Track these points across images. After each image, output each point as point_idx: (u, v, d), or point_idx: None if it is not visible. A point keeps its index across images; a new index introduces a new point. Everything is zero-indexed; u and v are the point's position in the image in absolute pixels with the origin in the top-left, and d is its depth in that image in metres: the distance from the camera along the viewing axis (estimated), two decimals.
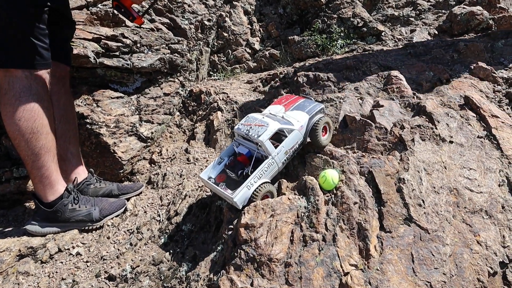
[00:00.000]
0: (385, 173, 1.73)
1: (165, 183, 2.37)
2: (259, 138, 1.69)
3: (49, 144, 1.89)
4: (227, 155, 1.91)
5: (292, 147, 1.83)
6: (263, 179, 1.72)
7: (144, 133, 2.79)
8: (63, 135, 2.15)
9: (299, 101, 2.01)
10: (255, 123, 1.77)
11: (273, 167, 1.76)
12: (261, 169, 1.71)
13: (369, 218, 1.60)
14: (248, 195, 1.68)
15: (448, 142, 1.85)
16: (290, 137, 1.80)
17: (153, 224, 2.06)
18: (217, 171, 1.86)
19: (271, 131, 1.72)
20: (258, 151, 1.77)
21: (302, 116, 1.88)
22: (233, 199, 1.64)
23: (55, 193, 1.97)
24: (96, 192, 2.26)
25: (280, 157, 1.78)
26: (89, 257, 1.96)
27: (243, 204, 1.68)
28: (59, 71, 2.11)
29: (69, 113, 2.22)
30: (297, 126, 1.83)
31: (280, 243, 1.56)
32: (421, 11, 3.78)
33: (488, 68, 2.45)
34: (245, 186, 1.66)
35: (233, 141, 1.94)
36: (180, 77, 3.18)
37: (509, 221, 1.63)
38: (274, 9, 3.85)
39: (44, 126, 1.85)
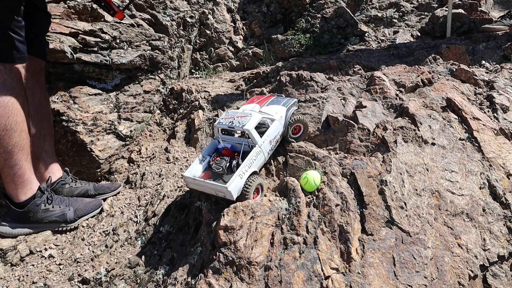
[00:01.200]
0: (368, 175, 1.70)
1: (144, 183, 2.30)
2: (245, 127, 1.68)
3: (23, 142, 1.80)
4: (208, 153, 1.86)
5: (275, 137, 1.83)
6: (253, 168, 1.69)
7: (123, 131, 2.71)
8: (37, 132, 2.06)
9: (271, 98, 2.02)
10: (237, 115, 1.77)
11: (261, 156, 1.75)
12: (250, 158, 1.68)
13: (351, 220, 1.57)
14: (241, 185, 1.63)
15: (430, 144, 1.84)
16: (272, 126, 1.80)
17: (130, 225, 1.99)
18: (201, 169, 1.80)
19: (255, 119, 1.73)
20: (246, 143, 1.75)
21: (279, 108, 1.90)
22: (228, 189, 1.57)
23: (27, 192, 1.88)
24: (72, 192, 2.18)
25: (266, 147, 1.77)
26: (62, 260, 1.88)
27: (238, 195, 1.63)
28: (34, 66, 2.01)
29: (44, 110, 2.13)
30: (277, 117, 1.84)
31: (260, 246, 1.52)
32: (404, 12, 3.80)
33: (469, 71, 2.46)
34: (237, 175, 1.61)
35: (213, 139, 1.90)
36: (161, 75, 3.11)
37: (490, 224, 1.63)
38: (258, 8, 3.81)
39: (18, 123, 1.76)
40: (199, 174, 1.78)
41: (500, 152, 1.89)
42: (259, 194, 1.74)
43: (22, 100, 1.79)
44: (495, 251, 1.57)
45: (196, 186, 1.75)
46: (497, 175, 1.77)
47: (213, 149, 1.88)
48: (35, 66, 2.04)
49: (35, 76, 2.04)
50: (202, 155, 1.84)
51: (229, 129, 1.77)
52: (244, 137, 1.75)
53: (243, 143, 1.76)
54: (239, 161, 1.71)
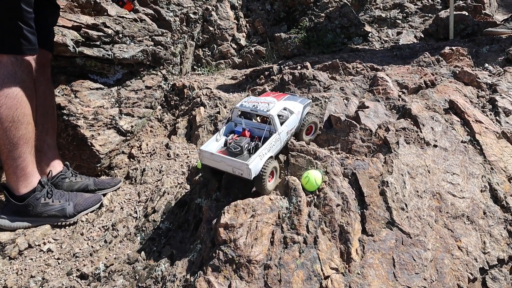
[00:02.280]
0: (369, 176, 1.70)
1: (144, 179, 2.30)
2: (269, 112, 1.70)
3: (29, 135, 1.81)
4: (225, 134, 1.86)
5: (291, 130, 1.85)
6: (271, 153, 1.71)
7: (123, 126, 2.70)
8: (40, 125, 2.05)
9: (287, 95, 2.03)
10: (260, 101, 1.79)
11: (278, 143, 1.76)
12: (270, 143, 1.69)
13: (352, 221, 1.57)
14: (260, 166, 1.62)
15: (432, 146, 1.84)
16: (290, 118, 1.83)
17: (130, 221, 1.99)
18: (217, 147, 1.79)
19: (279, 107, 1.76)
20: (266, 129, 1.76)
21: (296, 105, 1.91)
22: (248, 166, 1.56)
23: (28, 185, 1.88)
24: (71, 187, 2.17)
25: (283, 136, 1.79)
26: (60, 254, 1.87)
27: (255, 175, 1.61)
28: (40, 58, 1.99)
29: (47, 103, 2.13)
30: (295, 111, 1.87)
31: (260, 245, 1.52)
32: (408, 14, 3.79)
33: (472, 73, 2.45)
34: (257, 156, 1.61)
35: (230, 121, 1.91)
36: (163, 70, 3.10)
37: (490, 227, 1.63)
38: (262, 5, 3.79)
39: (26, 115, 1.77)
40: (216, 150, 1.76)
41: (501, 155, 1.88)
42: (273, 177, 1.75)
43: (31, 93, 1.80)
44: (495, 255, 1.57)
45: (211, 162, 1.71)
46: (498, 179, 1.77)
47: (229, 131, 1.88)
48: (41, 58, 2.03)
49: (41, 68, 2.04)
50: (219, 134, 1.82)
51: (251, 112, 1.78)
52: (266, 123, 1.77)
53: (266, 128, 1.76)
54: (258, 143, 1.72)
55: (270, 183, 1.72)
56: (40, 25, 1.88)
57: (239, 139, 1.77)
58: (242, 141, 1.74)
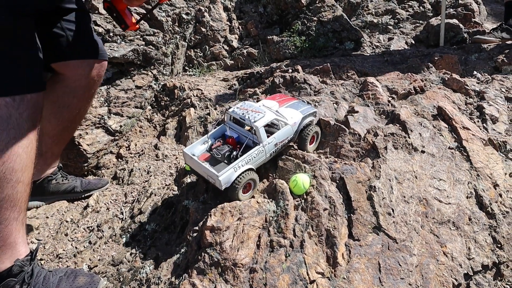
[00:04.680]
0: (357, 180, 1.70)
1: (131, 179, 2.28)
2: (255, 123, 1.66)
3: (17, 196, 1.40)
4: (214, 137, 1.85)
5: (282, 141, 1.81)
6: (250, 165, 1.67)
7: (112, 126, 2.68)
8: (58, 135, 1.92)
9: (293, 101, 2.00)
10: (252, 109, 1.75)
11: (261, 155, 1.73)
12: (250, 155, 1.66)
13: (338, 225, 1.57)
14: (232, 178, 1.60)
15: (420, 151, 1.85)
16: (282, 130, 1.78)
17: (115, 222, 1.96)
18: (201, 150, 1.79)
19: (267, 119, 1.71)
20: (251, 138, 1.74)
21: (296, 114, 1.88)
22: (218, 177, 1.56)
23: (6, 261, 1.42)
24: (58, 188, 2.08)
25: (270, 148, 1.75)
26: (43, 255, 1.84)
27: (226, 186, 1.61)
28: (87, 69, 1.82)
29: (78, 118, 1.99)
30: (290, 122, 1.82)
31: (246, 248, 1.51)
32: (399, 20, 3.82)
33: (461, 80, 2.48)
34: (231, 168, 1.59)
35: (223, 124, 1.90)
36: (154, 70, 3.08)
37: (475, 233, 1.64)
38: (255, 8, 3.79)
39: (15, 171, 1.37)
40: (199, 154, 1.77)
41: (488, 162, 1.90)
42: (251, 189, 1.72)
43: (29, 142, 1.42)
44: (480, 260, 1.58)
45: (192, 164, 1.74)
46: (484, 185, 1.79)
47: (221, 134, 1.87)
48: (88, 69, 1.84)
49: (92, 83, 1.88)
50: (207, 137, 1.82)
51: (240, 119, 1.76)
52: (252, 133, 1.74)
53: (248, 137, 1.75)
54: (238, 153, 1.69)
55: (246, 194, 1.70)
56: (71, 36, 1.73)
57: (222, 146, 1.77)
58: (224, 149, 1.74)
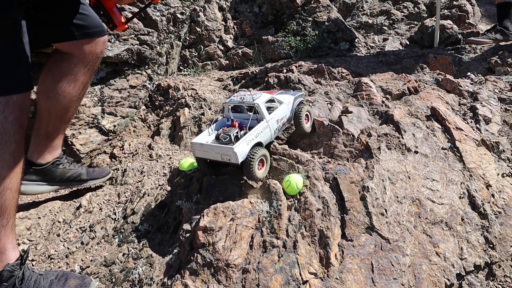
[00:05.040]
0: (350, 181, 1.70)
1: (125, 179, 2.26)
2: (255, 101, 1.73)
3: (5, 203, 1.38)
4: (217, 129, 1.88)
5: (282, 119, 1.87)
6: (259, 139, 1.71)
7: (106, 125, 2.67)
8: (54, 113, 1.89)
9: (280, 90, 2.07)
10: (247, 94, 1.83)
11: (267, 131, 1.77)
12: (257, 129, 1.71)
13: (331, 225, 1.57)
14: (246, 151, 1.64)
15: (413, 152, 1.85)
16: (280, 108, 1.86)
17: (108, 223, 1.95)
18: (208, 140, 1.81)
19: (265, 96, 1.80)
20: (253, 118, 1.80)
21: (288, 96, 1.96)
22: (234, 150, 1.58)
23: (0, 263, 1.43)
24: (64, 174, 2.04)
25: (273, 124, 1.80)
26: (35, 256, 1.83)
27: (243, 159, 1.63)
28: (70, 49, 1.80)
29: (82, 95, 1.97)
30: (285, 101, 1.90)
31: (239, 248, 1.50)
32: (394, 20, 3.83)
33: (455, 81, 2.49)
34: (244, 141, 1.63)
35: (223, 117, 1.95)
36: (148, 70, 3.07)
37: (468, 233, 1.65)
38: (250, 8, 3.79)
39: (2, 178, 1.34)
40: (207, 142, 1.79)
41: (480, 162, 1.91)
42: (263, 166, 1.75)
43: (15, 147, 1.38)
44: (472, 261, 1.58)
45: (202, 152, 1.75)
46: (476, 185, 1.79)
47: (222, 126, 1.90)
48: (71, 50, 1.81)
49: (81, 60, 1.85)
50: (211, 129, 1.85)
51: (239, 104, 1.83)
52: (253, 113, 1.80)
53: (251, 118, 1.81)
54: (246, 131, 1.74)
55: (260, 171, 1.72)
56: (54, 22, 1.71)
57: (228, 129, 1.81)
58: (231, 131, 1.77)
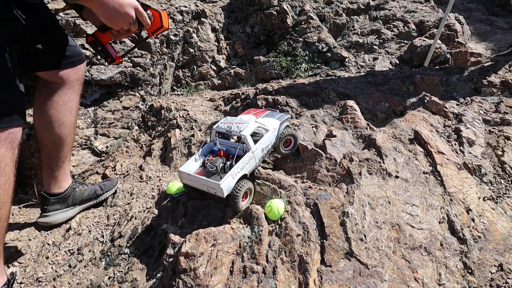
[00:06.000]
0: (330, 206, 1.74)
1: (114, 201, 2.30)
2: (242, 132, 1.79)
3: None
4: (204, 154, 1.96)
5: (267, 146, 1.94)
6: (244, 171, 1.79)
7: (98, 147, 2.72)
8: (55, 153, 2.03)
9: (266, 111, 2.12)
10: (235, 122, 1.89)
11: (252, 161, 1.85)
12: (243, 161, 1.78)
13: (311, 251, 1.60)
14: (232, 185, 1.72)
15: (394, 177, 1.89)
16: (265, 136, 1.92)
17: (96, 245, 1.99)
18: (195, 167, 1.89)
19: (252, 127, 1.86)
20: (240, 148, 1.86)
21: (274, 121, 2.01)
22: (220, 185, 1.64)
23: None
24: (82, 194, 2.20)
25: (258, 154, 1.87)
26: (23, 278, 1.86)
27: (228, 193, 1.70)
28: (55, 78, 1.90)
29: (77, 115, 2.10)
30: (271, 128, 1.96)
31: (220, 274, 1.54)
32: (384, 40, 3.90)
33: (440, 103, 2.53)
34: (229, 175, 1.70)
35: (210, 141, 2.02)
36: (141, 91, 3.13)
37: (446, 258, 1.67)
38: (242, 28, 3.87)
39: None
40: (194, 171, 1.86)
41: (461, 186, 1.94)
42: (247, 198, 1.83)
43: (5, 179, 1.47)
44: (450, 286, 1.60)
45: (189, 181, 1.83)
46: (456, 210, 1.82)
47: (209, 150, 1.98)
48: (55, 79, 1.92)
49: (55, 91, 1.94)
50: (198, 155, 1.92)
51: (226, 133, 1.89)
52: (240, 142, 1.87)
53: (238, 147, 1.87)
54: (232, 162, 1.80)
55: (244, 202, 1.81)
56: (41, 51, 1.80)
57: (215, 159, 1.88)
58: (217, 161, 1.85)
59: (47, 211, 2.09)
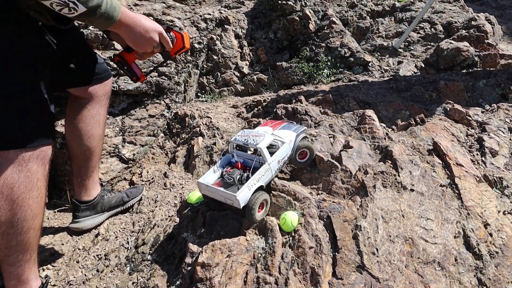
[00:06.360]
0: (343, 219, 1.77)
1: (140, 208, 2.42)
2: (258, 145, 1.85)
3: (28, 241, 1.60)
4: (222, 165, 2.04)
5: (283, 158, 1.99)
6: (261, 183, 1.85)
7: (126, 154, 2.85)
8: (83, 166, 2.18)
9: (284, 123, 2.18)
10: (252, 134, 1.95)
11: (269, 173, 1.90)
12: (259, 173, 1.84)
13: (323, 263, 1.64)
14: (248, 196, 1.78)
15: (409, 190, 1.89)
16: (282, 148, 1.96)
17: (121, 251, 2.11)
18: (214, 178, 1.97)
19: (268, 140, 1.90)
20: (257, 160, 1.93)
21: (290, 133, 2.06)
22: (236, 197, 1.71)
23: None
24: (110, 201, 2.34)
25: (274, 165, 1.92)
26: (56, 281, 2.01)
27: (244, 204, 1.77)
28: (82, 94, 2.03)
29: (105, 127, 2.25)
30: (287, 140, 2.01)
31: (234, 284, 1.61)
32: (410, 42, 3.84)
33: (463, 111, 2.49)
34: (246, 187, 1.76)
35: (228, 153, 2.09)
36: (167, 99, 3.25)
37: (460, 274, 1.67)
38: (265, 34, 3.92)
39: (26, 220, 1.55)
40: (212, 182, 1.95)
41: (480, 200, 1.92)
42: (263, 209, 1.89)
43: (38, 193, 1.58)
44: None
45: (207, 192, 1.92)
46: (473, 225, 1.81)
47: (227, 162, 2.06)
48: (83, 94, 2.03)
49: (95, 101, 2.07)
50: (216, 166, 2.01)
51: (243, 145, 1.97)
52: (256, 155, 1.94)
53: (255, 159, 1.93)
54: (249, 174, 1.87)
55: (260, 213, 1.86)
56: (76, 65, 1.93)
57: (232, 171, 1.95)
58: (235, 173, 1.92)
59: (78, 217, 2.24)
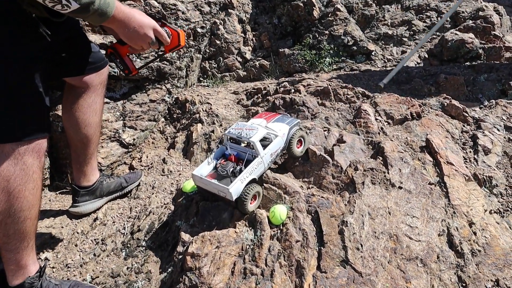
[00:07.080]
0: (331, 214, 1.82)
1: (137, 194, 2.49)
2: (251, 139, 1.90)
3: (25, 230, 1.65)
4: (216, 158, 2.09)
5: (276, 151, 2.03)
6: (253, 176, 1.91)
7: (126, 139, 2.91)
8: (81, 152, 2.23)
9: (278, 116, 2.21)
10: (245, 128, 1.99)
11: (261, 166, 1.96)
12: (252, 166, 1.89)
13: (308, 257, 1.70)
14: (241, 189, 1.84)
15: (397, 187, 1.93)
16: (274, 142, 2.01)
17: (118, 237, 2.19)
18: (208, 170, 2.03)
19: (261, 133, 1.95)
20: (250, 153, 1.97)
21: (283, 126, 2.10)
22: (229, 190, 1.77)
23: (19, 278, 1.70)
24: (109, 187, 2.41)
25: (267, 158, 1.97)
26: (55, 263, 2.10)
27: (236, 196, 1.83)
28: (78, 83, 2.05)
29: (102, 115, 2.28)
30: (280, 133, 2.04)
31: (222, 274, 1.68)
32: (415, 31, 3.79)
33: (460, 107, 2.49)
34: (238, 180, 1.82)
35: (222, 145, 2.13)
36: (168, 84, 3.28)
37: (441, 271, 1.72)
38: (269, 19, 3.89)
39: (23, 211, 1.60)
40: (206, 174, 2.00)
41: (467, 199, 1.95)
42: (255, 201, 1.94)
43: (34, 185, 1.63)
44: None
45: (201, 184, 1.98)
46: (458, 223, 1.85)
47: (221, 154, 2.11)
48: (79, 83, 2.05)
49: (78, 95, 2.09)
50: (211, 158, 2.06)
51: (237, 138, 2.01)
52: (249, 148, 1.99)
53: (248, 152, 1.98)
54: (242, 167, 1.93)
55: (252, 205, 1.92)
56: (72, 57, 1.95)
57: (226, 163, 2.00)
58: (228, 165, 1.96)
59: (77, 201, 2.32)
